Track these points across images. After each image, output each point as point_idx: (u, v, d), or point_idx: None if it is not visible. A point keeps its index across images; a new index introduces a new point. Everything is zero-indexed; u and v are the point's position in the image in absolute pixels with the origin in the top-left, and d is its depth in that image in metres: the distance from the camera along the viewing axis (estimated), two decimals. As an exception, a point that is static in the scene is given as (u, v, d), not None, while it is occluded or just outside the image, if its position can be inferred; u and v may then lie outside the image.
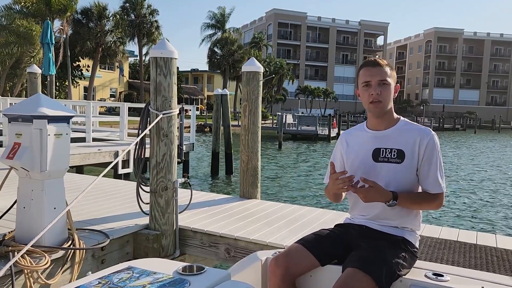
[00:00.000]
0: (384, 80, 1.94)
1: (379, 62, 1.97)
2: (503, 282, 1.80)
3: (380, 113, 1.98)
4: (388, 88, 1.96)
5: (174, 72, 3.67)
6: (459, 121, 60.79)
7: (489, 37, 79.11)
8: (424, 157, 1.93)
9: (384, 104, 1.96)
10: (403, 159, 1.93)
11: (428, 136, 1.94)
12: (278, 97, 51.50)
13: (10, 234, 3.05)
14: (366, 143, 2.04)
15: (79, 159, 8.07)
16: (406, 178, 1.94)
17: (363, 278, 1.71)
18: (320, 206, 8.38)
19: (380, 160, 1.97)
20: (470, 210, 9.69)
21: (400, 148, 1.95)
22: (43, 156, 2.87)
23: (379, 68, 1.95)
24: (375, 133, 2.03)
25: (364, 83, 1.96)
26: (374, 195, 1.87)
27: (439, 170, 1.95)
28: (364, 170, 2.00)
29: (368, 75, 1.95)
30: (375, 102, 1.94)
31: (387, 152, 1.96)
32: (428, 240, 3.55)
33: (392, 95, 1.99)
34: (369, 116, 2.06)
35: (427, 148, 1.93)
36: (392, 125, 2.01)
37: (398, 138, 1.97)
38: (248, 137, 5.01)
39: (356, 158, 2.05)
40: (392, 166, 1.94)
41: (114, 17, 33.43)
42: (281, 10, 69.72)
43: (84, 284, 1.33)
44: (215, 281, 1.38)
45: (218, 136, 13.84)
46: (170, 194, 3.70)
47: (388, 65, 2.00)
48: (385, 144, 1.98)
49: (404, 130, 1.99)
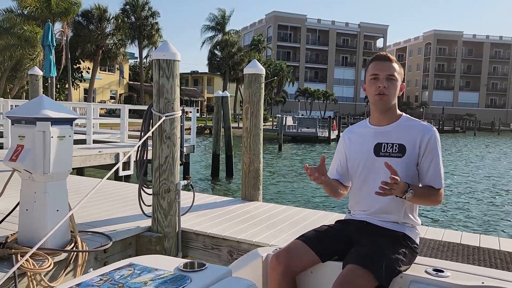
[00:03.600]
0: (392, 75, 1.97)
1: (389, 57, 2.01)
2: (504, 278, 1.79)
3: (383, 106, 2.00)
4: (395, 84, 1.99)
5: (176, 74, 3.67)
6: (458, 123, 60.81)
7: (488, 40, 79.23)
8: (425, 153, 1.95)
9: (389, 98, 1.98)
10: (404, 153, 1.95)
11: (430, 132, 1.96)
12: (278, 99, 51.51)
13: (12, 237, 3.04)
14: (368, 138, 2.06)
15: (80, 161, 8.07)
16: (407, 172, 1.95)
17: (364, 274, 1.72)
18: (322, 208, 8.37)
19: (381, 154, 1.99)
20: (473, 212, 9.68)
21: (402, 143, 1.97)
22: (46, 158, 2.86)
23: (389, 63, 1.99)
24: (377, 129, 2.05)
25: (373, 75, 1.99)
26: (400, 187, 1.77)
27: (439, 166, 1.96)
28: (366, 164, 2.03)
29: (378, 68, 1.98)
30: (381, 94, 1.97)
31: (388, 147, 1.98)
32: (431, 242, 3.54)
33: (397, 91, 2.01)
34: (372, 111, 2.08)
35: (428, 144, 1.94)
36: (394, 120, 2.03)
37: (399, 133, 1.99)
38: (250, 139, 5.01)
39: (358, 153, 2.07)
40: (393, 160, 1.94)
41: (115, 20, 33.45)
42: (281, 12, 69.79)
43: (86, 280, 1.33)
44: (216, 278, 1.38)
45: (219, 138, 13.84)
46: (172, 196, 3.70)
47: (397, 62, 2.03)
48: (386, 139, 2.00)
49: (406, 126, 2.01)
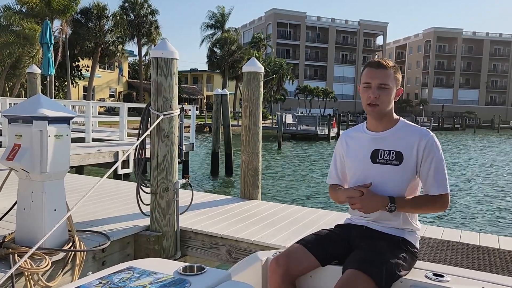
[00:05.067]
0: (385, 84, 1.91)
1: (382, 64, 1.93)
2: (504, 283, 1.79)
3: (376, 116, 1.97)
4: (388, 93, 1.92)
5: (175, 72, 3.65)
6: (458, 121, 60.79)
7: (488, 37, 79.13)
8: (423, 158, 1.91)
9: (381, 107, 1.93)
10: (402, 161, 1.92)
11: (426, 138, 1.92)
12: (278, 97, 51.45)
13: (10, 236, 3.03)
14: (364, 144, 2.02)
15: (78, 159, 8.05)
16: (405, 180, 1.92)
17: (364, 279, 1.70)
18: (321, 206, 8.36)
19: (378, 161, 1.95)
20: (472, 211, 9.67)
21: (398, 149, 1.93)
22: (43, 158, 2.85)
23: (382, 70, 1.92)
24: (374, 135, 2.01)
25: (365, 84, 1.94)
26: (370, 202, 1.87)
27: (440, 171, 1.92)
28: (363, 172, 1.99)
29: (369, 76, 1.93)
30: (372, 105, 1.92)
31: (385, 154, 1.95)
32: (430, 241, 3.53)
33: (392, 99, 1.96)
34: (368, 117, 2.05)
35: (425, 149, 1.91)
36: (391, 126, 1.99)
37: (396, 140, 1.96)
38: (249, 138, 5.00)
39: (355, 160, 2.04)
40: (390, 168, 1.93)
41: (114, 17, 33.37)
42: (281, 10, 69.65)
43: (84, 284, 1.32)
44: (215, 281, 1.38)
45: (218, 136, 13.82)
46: (171, 195, 3.68)
47: (393, 67, 1.95)
48: (383, 146, 1.96)
49: (402, 132, 1.97)
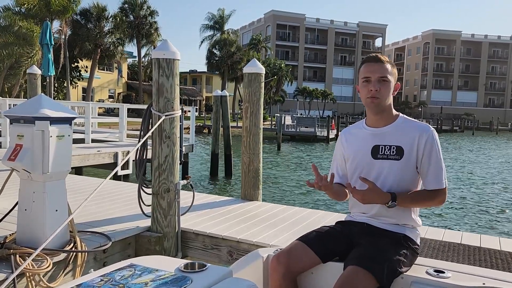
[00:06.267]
0: (384, 77, 1.93)
1: (380, 58, 1.96)
2: (505, 279, 1.79)
3: (377, 109, 1.97)
4: (388, 85, 1.95)
5: (176, 73, 3.65)
6: (457, 123, 60.91)
7: (486, 39, 79.32)
8: (424, 153, 1.92)
9: (382, 100, 1.95)
10: (402, 155, 1.93)
11: (427, 133, 1.93)
12: (277, 98, 51.45)
13: (11, 237, 3.02)
14: (365, 140, 2.03)
15: (78, 160, 8.04)
16: (405, 175, 1.94)
17: (365, 275, 1.71)
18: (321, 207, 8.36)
19: (379, 157, 1.96)
20: (473, 212, 9.67)
21: (399, 144, 1.94)
22: (45, 158, 2.84)
23: (380, 64, 1.94)
24: (374, 130, 2.02)
25: (364, 78, 1.96)
26: (372, 197, 1.87)
27: (439, 166, 1.94)
28: (363, 167, 2.00)
29: (369, 71, 1.95)
30: (373, 98, 1.94)
31: (386, 149, 1.96)
32: (431, 242, 3.53)
33: (391, 92, 1.98)
34: (368, 113, 2.05)
35: (426, 144, 1.92)
36: (390, 122, 2.01)
37: (396, 135, 1.97)
38: (249, 139, 5.00)
39: (356, 156, 2.04)
40: (391, 163, 1.93)
41: (113, 18, 33.37)
42: (280, 11, 69.72)
43: (86, 281, 1.33)
44: (217, 278, 1.38)
45: (218, 138, 13.81)
46: (172, 196, 3.68)
47: (390, 62, 1.99)
48: (384, 141, 1.97)
49: (403, 127, 1.98)
